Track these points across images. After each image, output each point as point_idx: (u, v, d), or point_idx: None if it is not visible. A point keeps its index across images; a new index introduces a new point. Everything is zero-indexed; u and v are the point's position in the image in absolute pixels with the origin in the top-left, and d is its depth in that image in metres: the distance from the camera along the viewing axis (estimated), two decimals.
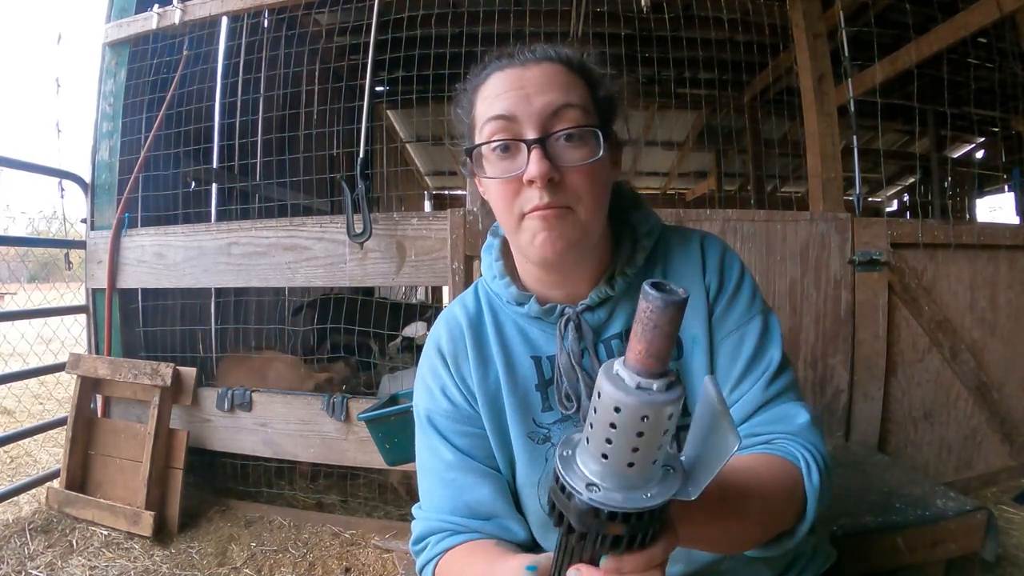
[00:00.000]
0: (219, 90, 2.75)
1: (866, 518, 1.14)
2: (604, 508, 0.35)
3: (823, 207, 1.95)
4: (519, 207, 0.62)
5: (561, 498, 0.37)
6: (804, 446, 0.61)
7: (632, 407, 0.33)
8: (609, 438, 0.34)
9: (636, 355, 0.34)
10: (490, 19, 2.91)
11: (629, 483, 0.35)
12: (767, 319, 0.69)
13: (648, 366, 0.33)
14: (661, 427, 0.34)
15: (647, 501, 0.35)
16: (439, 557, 0.67)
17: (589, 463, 0.36)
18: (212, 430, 2.08)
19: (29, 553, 1.74)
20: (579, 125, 0.61)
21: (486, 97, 0.64)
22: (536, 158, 0.59)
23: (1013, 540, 1.68)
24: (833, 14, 2.12)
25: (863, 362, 1.85)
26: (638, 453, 0.34)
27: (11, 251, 2.47)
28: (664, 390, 0.33)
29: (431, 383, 0.74)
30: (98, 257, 2.21)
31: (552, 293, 0.70)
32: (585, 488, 0.35)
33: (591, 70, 0.66)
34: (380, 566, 1.73)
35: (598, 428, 0.35)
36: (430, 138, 5.91)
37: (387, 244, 1.89)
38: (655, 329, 0.33)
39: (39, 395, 3.67)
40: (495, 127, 0.62)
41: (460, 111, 0.70)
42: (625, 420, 0.33)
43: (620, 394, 0.33)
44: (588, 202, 0.62)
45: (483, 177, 0.66)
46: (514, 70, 0.64)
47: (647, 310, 0.33)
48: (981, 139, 5.38)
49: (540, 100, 0.61)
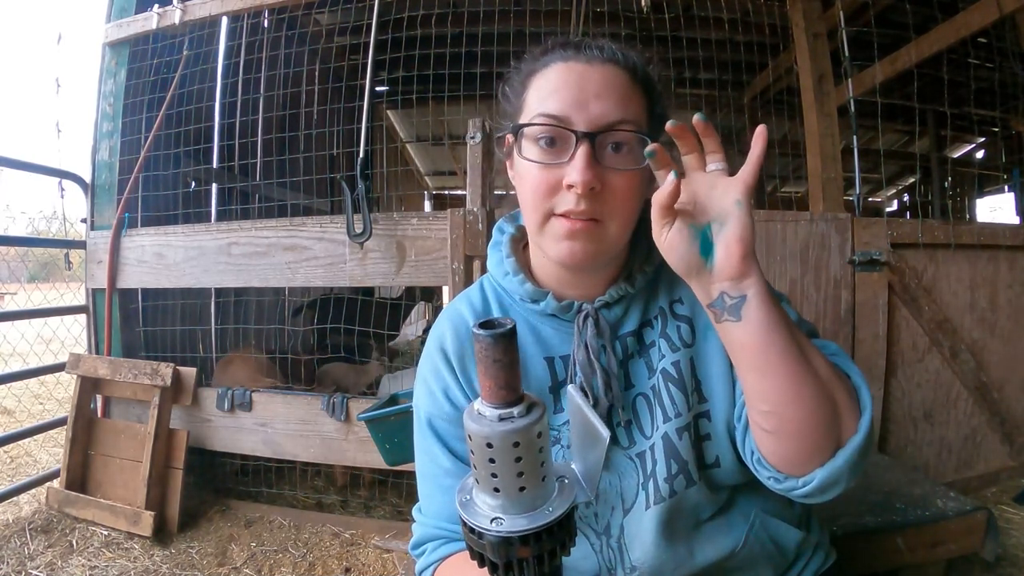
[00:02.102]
0: (219, 90, 2.75)
1: (866, 518, 1.14)
2: (514, 535, 0.37)
3: (823, 207, 1.95)
4: (550, 205, 0.60)
5: (474, 539, 0.39)
6: (849, 365, 0.60)
7: (501, 437, 0.35)
8: (494, 472, 0.37)
9: (488, 391, 0.36)
10: (490, 19, 2.91)
11: (528, 505, 0.38)
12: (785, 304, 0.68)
13: (502, 397, 0.36)
14: (534, 446, 0.36)
15: (550, 515, 0.37)
16: (435, 565, 0.67)
17: (487, 500, 0.38)
18: (212, 430, 2.08)
19: (29, 553, 1.74)
20: (632, 132, 0.59)
21: (541, 88, 0.62)
22: (583, 164, 0.57)
23: (1013, 540, 1.68)
24: (833, 14, 2.12)
25: (863, 362, 1.85)
26: (524, 477, 0.37)
27: (11, 251, 2.47)
28: (525, 414, 0.36)
29: (432, 384, 0.71)
30: (98, 257, 2.21)
31: (568, 292, 0.69)
32: (491, 523, 0.37)
33: (653, 83, 0.64)
34: (380, 566, 1.73)
35: (480, 466, 0.37)
36: (430, 138, 5.91)
37: (387, 244, 1.89)
38: (496, 363, 0.35)
39: (39, 395, 3.67)
40: (544, 123, 0.60)
41: (509, 90, 0.68)
42: (500, 451, 0.36)
43: (487, 430, 0.36)
44: (621, 218, 0.61)
45: (521, 157, 0.62)
46: (578, 65, 0.61)
47: (482, 349, 0.35)
48: (981, 139, 5.38)
49: (598, 108, 0.59)
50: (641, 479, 0.66)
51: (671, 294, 0.70)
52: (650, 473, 0.65)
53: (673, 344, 0.67)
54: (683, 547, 0.66)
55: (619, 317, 0.68)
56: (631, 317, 0.69)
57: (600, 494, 0.67)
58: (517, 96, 0.66)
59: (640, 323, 0.69)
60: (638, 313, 0.69)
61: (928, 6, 2.48)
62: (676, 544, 0.65)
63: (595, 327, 0.66)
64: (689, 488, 0.64)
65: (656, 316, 0.69)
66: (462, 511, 0.39)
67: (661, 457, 0.64)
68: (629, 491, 0.66)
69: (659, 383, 0.66)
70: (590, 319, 0.66)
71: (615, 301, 0.68)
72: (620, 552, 0.67)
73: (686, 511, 0.65)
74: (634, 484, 0.66)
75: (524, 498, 0.37)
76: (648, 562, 0.65)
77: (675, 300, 0.69)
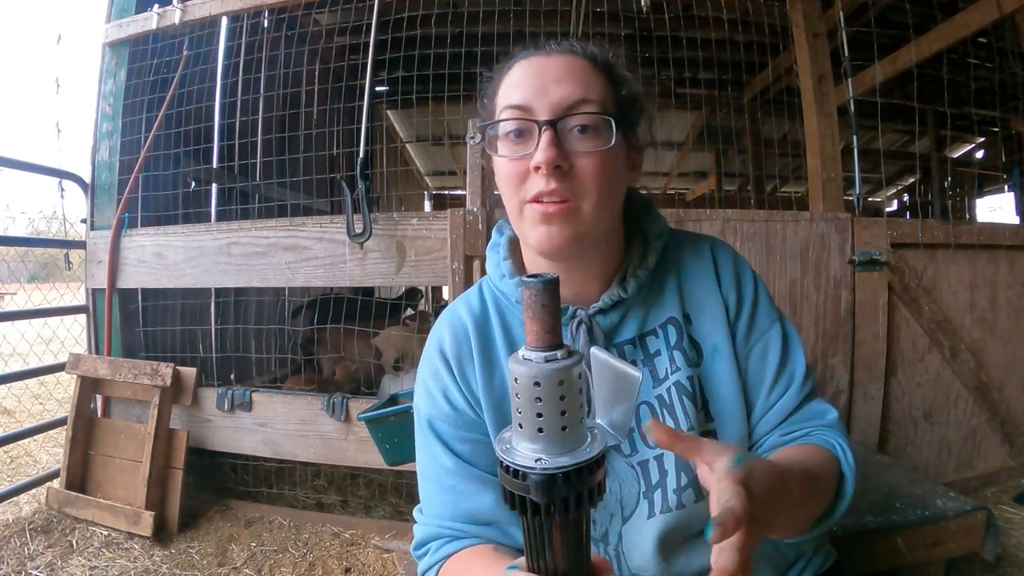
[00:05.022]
0: (219, 90, 2.75)
1: (866, 518, 1.14)
2: (559, 471, 0.38)
3: (823, 207, 1.95)
4: (524, 193, 0.61)
5: (516, 483, 0.40)
6: (837, 436, 0.65)
7: (549, 376, 0.38)
8: (539, 412, 0.39)
9: (535, 336, 0.39)
10: (490, 19, 2.91)
11: (569, 445, 0.40)
12: (784, 325, 0.71)
13: (547, 341, 0.39)
14: (575, 387, 0.39)
15: (590, 452, 0.39)
16: (440, 564, 0.67)
17: (528, 444, 0.40)
18: (212, 430, 2.08)
19: (29, 553, 1.74)
20: (593, 113, 0.60)
21: (508, 85, 0.64)
22: (545, 144, 0.58)
23: (1013, 540, 1.68)
24: (833, 14, 2.12)
25: (863, 362, 1.85)
26: (566, 416, 0.39)
27: (11, 251, 2.48)
28: (567, 356, 0.39)
29: (432, 386, 0.72)
30: (98, 257, 2.21)
31: (562, 291, 0.69)
32: (534, 463, 0.39)
33: (615, 68, 0.65)
34: (380, 566, 1.73)
35: (526, 409, 0.39)
36: (430, 138, 5.91)
37: (387, 244, 1.89)
38: (543, 308, 0.39)
39: (39, 395, 3.67)
40: (510, 115, 0.62)
41: (485, 99, 0.70)
42: (546, 390, 0.38)
43: (534, 370, 0.38)
44: (594, 195, 0.60)
45: (494, 155, 0.65)
46: (537, 59, 0.63)
47: (530, 296, 0.39)
48: (981, 139, 5.38)
49: (558, 92, 0.60)
50: (643, 488, 0.66)
51: (684, 306, 0.70)
52: (656, 483, 0.65)
53: (689, 359, 0.68)
54: (683, 555, 0.66)
55: (615, 324, 0.68)
56: (629, 324, 0.69)
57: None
58: (490, 100, 0.68)
59: (641, 331, 0.69)
60: (637, 321, 0.69)
61: (928, 6, 2.48)
62: (676, 553, 0.66)
63: (588, 334, 0.66)
64: (698, 502, 0.64)
65: (664, 325, 0.69)
66: (503, 456, 0.40)
67: (672, 468, 0.65)
68: (629, 499, 0.66)
69: (670, 394, 0.66)
70: (583, 326, 0.66)
71: (610, 307, 0.67)
72: (618, 560, 0.67)
73: (691, 522, 0.65)
74: (635, 492, 0.66)
75: (566, 438, 0.39)
76: (648, 570, 0.66)
77: (686, 315, 0.70)
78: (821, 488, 0.58)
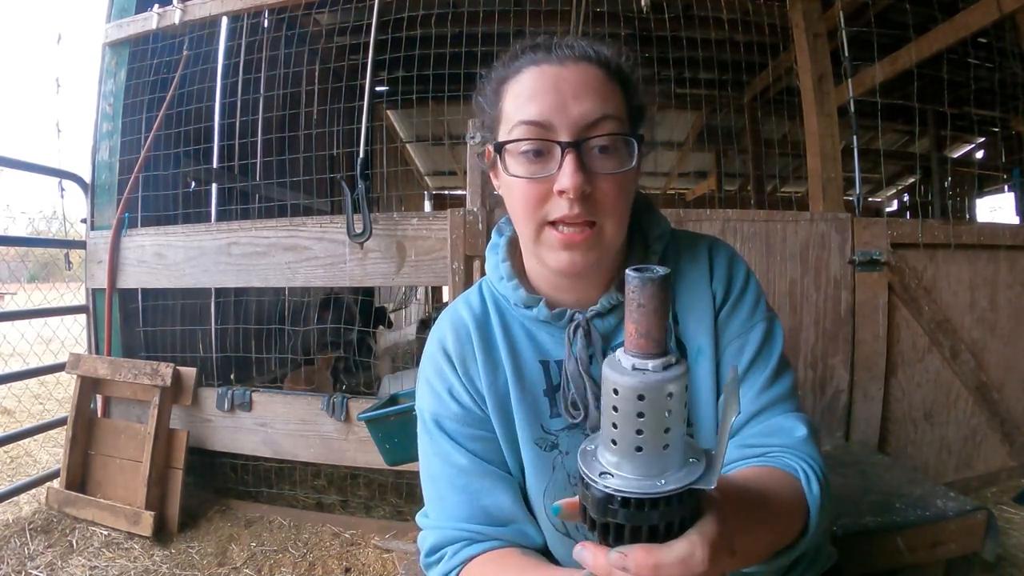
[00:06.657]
0: (219, 90, 2.75)
1: (866, 518, 1.14)
2: (617, 494, 0.34)
3: (823, 207, 1.95)
4: (543, 214, 0.60)
5: (581, 490, 0.37)
6: (802, 458, 0.60)
7: (627, 387, 0.33)
8: (615, 422, 0.35)
9: (629, 338, 0.35)
10: (490, 19, 2.91)
11: (643, 470, 0.35)
12: (770, 326, 0.68)
13: (641, 346, 0.34)
14: (661, 408, 0.34)
15: (658, 488, 0.34)
16: (459, 568, 0.64)
17: (605, 453, 0.36)
18: (212, 430, 2.08)
19: (29, 553, 1.74)
20: (615, 133, 0.59)
21: (518, 95, 0.61)
22: (570, 169, 0.56)
23: (1013, 540, 1.68)
24: (833, 14, 2.12)
25: (863, 362, 1.85)
26: (643, 436, 0.34)
27: (11, 251, 2.47)
28: (660, 370, 0.33)
29: (437, 385, 0.70)
30: (98, 257, 2.21)
31: (563, 297, 0.68)
32: (599, 476, 0.35)
33: (628, 75, 0.64)
34: (380, 566, 1.73)
35: (606, 415, 0.35)
36: (430, 138, 5.91)
37: (387, 244, 1.89)
38: (640, 308, 0.34)
39: (39, 395, 3.67)
40: (526, 132, 0.59)
41: (483, 100, 0.67)
42: (623, 402, 0.34)
43: (616, 375, 0.34)
44: (615, 217, 0.60)
45: (508, 175, 0.61)
46: (550, 68, 0.60)
47: (630, 292, 0.34)
48: (981, 139, 5.38)
49: (578, 109, 0.58)
50: None
51: (674, 307, 0.68)
52: None
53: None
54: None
55: (613, 327, 0.67)
56: None
57: None
58: (492, 106, 0.65)
59: None
60: None
61: (928, 6, 2.48)
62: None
63: (585, 338, 0.65)
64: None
65: None
66: (580, 458, 0.37)
67: None
68: None
69: None
70: (580, 329, 0.66)
71: (607, 311, 0.67)
72: None
73: None
74: None
75: (640, 460, 0.35)
76: None
77: (674, 316, 0.68)
78: (772, 515, 0.53)
